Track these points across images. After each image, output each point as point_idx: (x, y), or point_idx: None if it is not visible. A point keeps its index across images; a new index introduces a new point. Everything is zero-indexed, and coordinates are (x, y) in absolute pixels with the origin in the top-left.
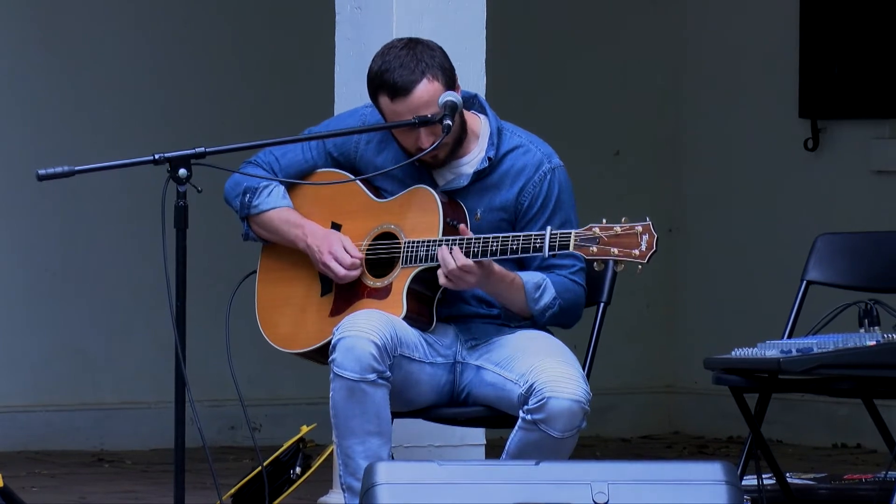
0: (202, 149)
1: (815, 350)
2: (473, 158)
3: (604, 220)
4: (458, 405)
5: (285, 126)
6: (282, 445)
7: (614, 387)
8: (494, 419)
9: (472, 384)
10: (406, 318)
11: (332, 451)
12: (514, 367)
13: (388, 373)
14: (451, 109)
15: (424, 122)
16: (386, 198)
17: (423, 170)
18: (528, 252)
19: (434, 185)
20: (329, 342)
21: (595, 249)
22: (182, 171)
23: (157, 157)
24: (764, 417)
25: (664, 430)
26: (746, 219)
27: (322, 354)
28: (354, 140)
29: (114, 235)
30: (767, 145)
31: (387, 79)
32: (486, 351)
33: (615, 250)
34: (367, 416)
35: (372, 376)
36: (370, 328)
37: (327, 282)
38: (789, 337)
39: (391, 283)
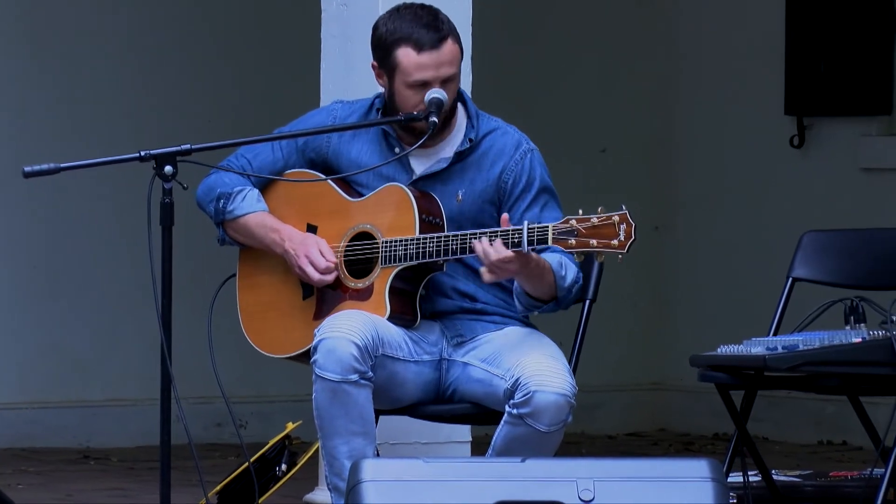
0: (188, 146)
1: (801, 347)
2: (452, 141)
3: (580, 212)
4: (444, 402)
5: (272, 124)
6: (268, 442)
7: (600, 384)
8: (481, 416)
9: (458, 381)
10: (391, 318)
11: (318, 448)
12: (501, 363)
13: (371, 373)
14: (437, 107)
15: (411, 119)
16: (361, 193)
17: (400, 160)
18: (507, 248)
19: (411, 172)
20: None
21: (573, 242)
22: (168, 168)
23: (142, 153)
24: (750, 414)
25: (650, 427)
26: (733, 216)
27: (306, 357)
28: (325, 136)
29: (100, 233)
30: (754, 142)
31: (415, 31)
32: (472, 348)
33: (594, 241)
34: (350, 416)
35: (354, 377)
36: (351, 329)
37: (308, 285)
38: (775, 334)
39: (372, 284)
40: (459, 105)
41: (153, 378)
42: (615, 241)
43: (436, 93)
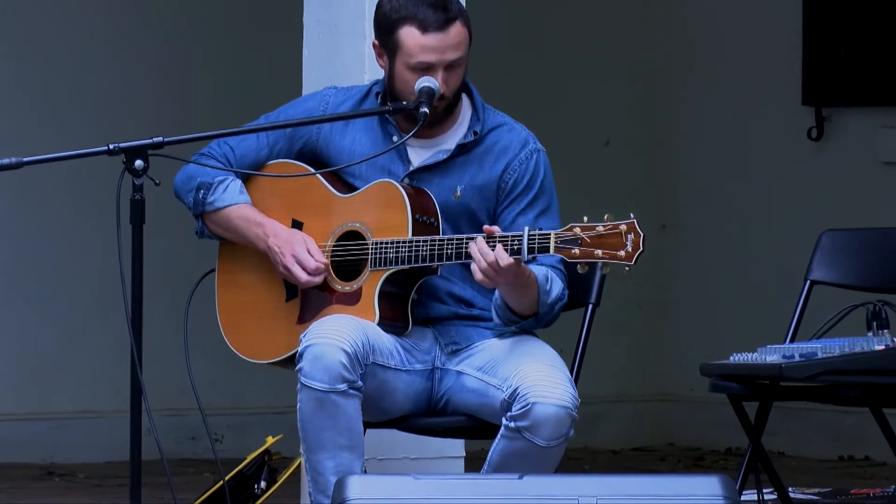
0: (160, 138)
1: (820, 355)
2: (455, 133)
3: (585, 219)
4: (436, 414)
5: (250, 115)
6: (245, 458)
7: (604, 395)
8: (475, 429)
9: (451, 391)
10: (380, 324)
11: (300, 464)
12: (498, 372)
13: (360, 382)
14: (428, 96)
15: (399, 109)
16: (353, 186)
17: (397, 148)
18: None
19: (408, 163)
20: (297, 351)
21: (577, 252)
22: (138, 163)
23: (111, 147)
24: (765, 427)
25: (657, 441)
26: (745, 214)
27: (291, 363)
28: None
29: (66, 231)
30: (768, 135)
31: (420, 9)
32: (467, 356)
33: (599, 252)
34: (337, 428)
35: (342, 386)
36: (339, 335)
37: (292, 286)
38: (792, 341)
39: (361, 288)
40: (464, 96)
41: (123, 388)
42: (622, 253)
43: (427, 81)
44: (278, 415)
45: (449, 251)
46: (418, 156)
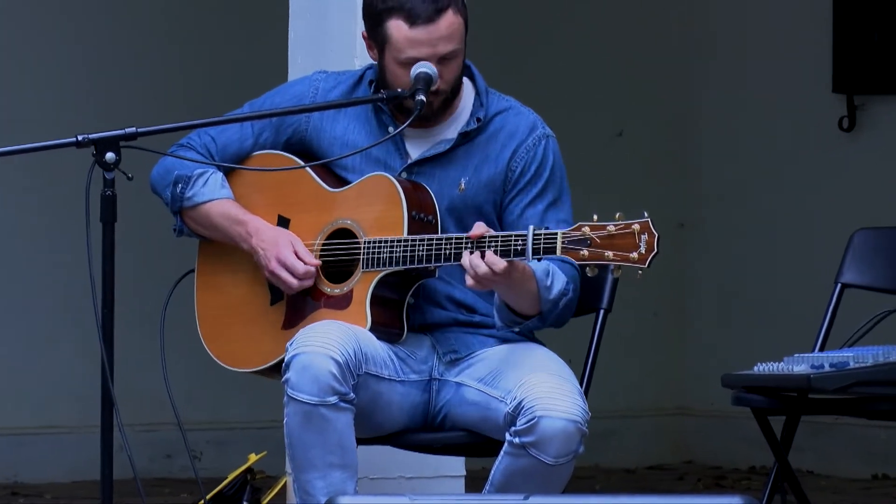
0: (133, 129)
1: (852, 365)
2: (456, 122)
3: (595, 218)
4: (433, 429)
5: (230, 103)
6: (226, 476)
7: (617, 409)
8: (476, 446)
9: (450, 404)
10: (373, 331)
11: (286, 483)
12: (500, 383)
13: (352, 394)
14: (426, 83)
15: (393, 97)
16: (345, 179)
17: (394, 140)
18: (508, 255)
19: (406, 157)
20: (282, 360)
21: (586, 253)
22: (110, 156)
23: (80, 138)
24: (791, 444)
25: (675, 458)
26: (770, 211)
27: (276, 372)
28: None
29: (29, 231)
30: (795, 125)
31: (408, 0)
32: (467, 366)
33: (609, 254)
34: (328, 445)
35: (333, 399)
36: (329, 343)
37: (277, 289)
38: (821, 350)
39: (351, 291)
40: (466, 81)
41: (92, 401)
42: (634, 255)
43: (423, 66)
44: (261, 430)
45: (447, 251)
46: (417, 148)
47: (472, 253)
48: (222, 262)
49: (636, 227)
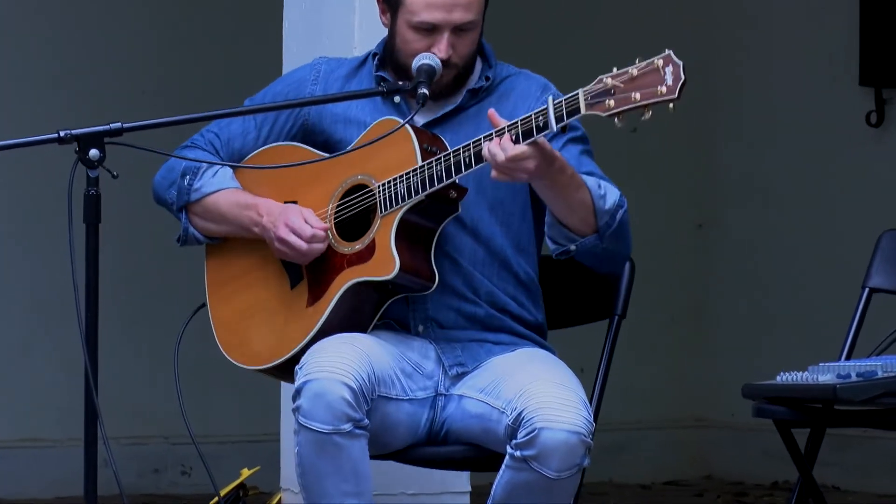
0: (118, 124)
1: (880, 374)
2: (463, 87)
3: (614, 69)
4: (437, 443)
5: (222, 97)
6: (218, 493)
7: (631, 420)
8: (481, 460)
9: (453, 417)
10: (401, 276)
11: (280, 499)
12: (501, 393)
13: (366, 420)
14: (428, 76)
15: (394, 90)
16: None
17: (399, 111)
18: (534, 133)
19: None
20: (315, 337)
21: (612, 103)
22: (93, 152)
23: (62, 134)
24: (817, 458)
25: (693, 473)
26: (794, 211)
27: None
28: (307, 91)
29: (7, 232)
30: (821, 120)
31: None
32: (470, 377)
33: (637, 95)
34: (342, 474)
35: (347, 426)
36: (342, 367)
37: (294, 270)
38: (848, 358)
39: (373, 239)
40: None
41: (75, 412)
42: (662, 88)
43: (426, 58)
44: (254, 443)
45: (466, 157)
46: (424, 115)
47: (490, 140)
48: (234, 268)
49: (659, 62)
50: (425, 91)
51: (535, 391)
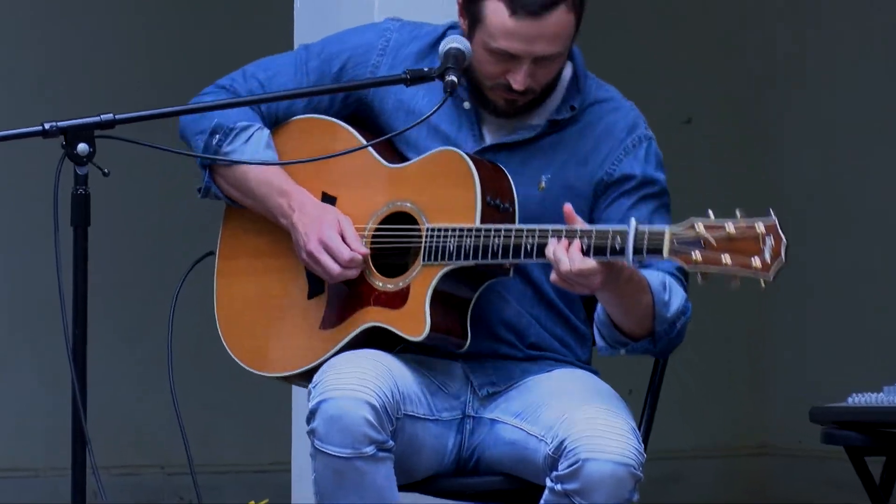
0: (110, 115)
1: None
2: (546, 107)
3: (711, 214)
4: (465, 473)
5: None
6: None
7: (685, 448)
8: (515, 492)
9: (484, 444)
10: (430, 338)
11: None
12: (540, 418)
13: (391, 441)
14: (455, 60)
15: (418, 77)
16: (405, 156)
17: (468, 118)
18: (603, 254)
19: (480, 140)
20: (318, 365)
21: (700, 257)
22: (82, 147)
23: (47, 126)
24: (893, 488)
25: None
26: (864, 217)
27: (306, 378)
28: (372, 61)
29: None
30: (888, 116)
31: None
32: (504, 399)
33: (727, 259)
34: (366, 503)
35: (369, 449)
36: (362, 384)
37: (316, 280)
38: None
39: (408, 287)
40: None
41: (61, 438)
42: (757, 261)
43: (454, 41)
44: (260, 473)
45: (529, 244)
46: (494, 131)
47: (559, 240)
48: (253, 241)
49: (761, 228)
50: (454, 78)
51: (579, 417)
